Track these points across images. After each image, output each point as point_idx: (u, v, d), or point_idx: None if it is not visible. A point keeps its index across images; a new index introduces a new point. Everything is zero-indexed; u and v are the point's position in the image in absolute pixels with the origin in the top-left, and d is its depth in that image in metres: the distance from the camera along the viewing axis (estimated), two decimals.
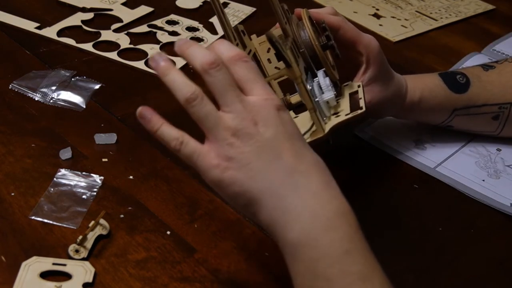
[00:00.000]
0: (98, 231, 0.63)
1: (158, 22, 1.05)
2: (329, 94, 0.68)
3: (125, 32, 1.01)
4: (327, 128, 0.67)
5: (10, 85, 0.84)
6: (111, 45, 0.97)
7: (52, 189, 0.69)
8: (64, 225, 0.64)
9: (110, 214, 0.66)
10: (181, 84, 0.54)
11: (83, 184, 0.70)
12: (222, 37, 1.01)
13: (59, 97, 0.83)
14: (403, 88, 0.78)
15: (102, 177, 0.71)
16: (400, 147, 0.82)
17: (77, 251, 0.61)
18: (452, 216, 0.74)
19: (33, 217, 0.65)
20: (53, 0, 1.08)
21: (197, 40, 1.01)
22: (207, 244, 0.65)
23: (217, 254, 0.64)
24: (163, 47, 0.98)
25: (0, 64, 0.89)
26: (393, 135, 0.84)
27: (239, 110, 0.53)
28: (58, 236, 0.63)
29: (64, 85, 0.85)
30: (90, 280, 0.59)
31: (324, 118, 0.69)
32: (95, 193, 0.69)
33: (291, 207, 0.52)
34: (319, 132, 0.67)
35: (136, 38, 0.99)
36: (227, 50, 0.56)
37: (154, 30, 1.02)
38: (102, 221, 0.64)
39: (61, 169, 0.71)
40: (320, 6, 1.05)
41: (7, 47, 0.94)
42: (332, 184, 0.54)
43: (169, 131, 0.55)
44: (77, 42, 0.96)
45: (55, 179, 0.70)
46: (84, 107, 0.82)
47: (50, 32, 0.98)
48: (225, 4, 1.14)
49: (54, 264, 0.60)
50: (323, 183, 0.54)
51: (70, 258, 0.61)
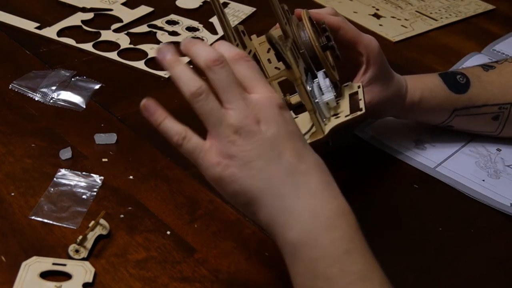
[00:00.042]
0: (98, 231, 0.63)
1: (158, 22, 1.05)
2: (329, 95, 0.68)
3: (125, 32, 1.01)
4: (327, 129, 0.67)
5: (10, 85, 0.84)
6: (111, 45, 0.97)
7: (52, 189, 0.69)
8: (64, 225, 0.64)
9: (110, 214, 0.66)
10: (187, 78, 0.54)
11: (83, 184, 0.70)
12: (222, 37, 1.01)
13: (59, 97, 0.83)
14: (403, 89, 0.78)
15: (102, 177, 0.71)
16: (400, 147, 0.82)
17: (77, 251, 0.61)
18: (452, 216, 0.74)
19: (33, 217, 0.65)
20: (53, 0, 1.08)
21: None
22: (207, 244, 0.65)
23: (217, 254, 0.64)
24: None
25: (0, 64, 0.89)
26: (393, 135, 0.84)
27: (242, 107, 0.53)
28: (58, 236, 0.63)
29: (64, 85, 0.85)
30: (90, 280, 0.59)
31: (324, 119, 0.69)
32: (95, 193, 0.69)
33: (291, 207, 0.52)
34: (318, 134, 0.67)
35: (136, 38, 0.99)
36: (228, 50, 0.56)
37: (154, 30, 1.02)
38: (102, 221, 0.64)
39: (61, 169, 0.71)
40: (320, 6, 1.05)
41: (7, 47, 0.94)
42: (332, 185, 0.54)
43: (172, 125, 0.55)
44: (77, 42, 0.96)
45: (55, 179, 0.70)
46: (84, 107, 0.82)
47: (50, 32, 0.98)
48: (225, 4, 1.14)
49: (54, 264, 0.60)
50: (323, 183, 0.54)
51: (70, 258, 0.61)
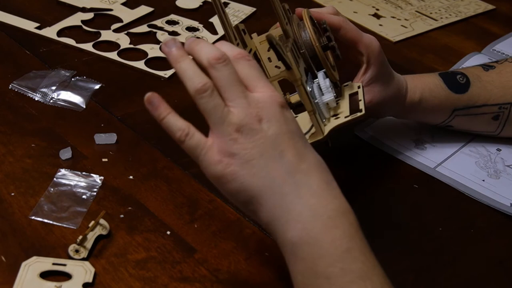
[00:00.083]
0: (98, 231, 0.63)
1: (158, 22, 1.05)
2: (328, 96, 0.68)
3: (125, 32, 1.01)
4: (326, 130, 0.67)
5: (10, 85, 0.84)
6: (111, 45, 0.97)
7: (52, 189, 0.69)
8: (64, 225, 0.64)
9: (110, 214, 0.66)
10: (193, 74, 0.54)
11: (83, 184, 0.70)
12: (222, 37, 1.01)
13: (59, 97, 0.83)
14: (403, 88, 0.78)
15: (102, 177, 0.71)
16: (400, 147, 0.82)
17: (77, 251, 0.61)
18: (452, 216, 0.74)
19: (33, 217, 0.65)
20: (53, 0, 1.08)
21: None
22: (207, 244, 0.65)
23: (217, 254, 0.64)
24: None
25: (0, 64, 0.89)
26: (393, 135, 0.84)
27: (244, 105, 0.53)
28: (58, 236, 0.63)
29: (64, 85, 0.85)
30: (90, 280, 0.59)
31: (324, 120, 0.69)
32: (95, 193, 0.69)
33: (292, 206, 0.52)
34: (318, 134, 0.67)
35: (136, 38, 0.99)
36: (229, 50, 0.56)
37: (154, 30, 1.02)
38: (102, 221, 0.64)
39: (61, 169, 0.71)
40: (320, 6, 1.05)
41: (7, 47, 0.94)
42: (333, 184, 0.54)
43: (175, 121, 0.54)
44: (77, 42, 0.96)
45: (55, 179, 0.70)
46: (84, 107, 0.82)
47: (50, 32, 0.98)
48: (225, 4, 1.14)
49: (54, 264, 0.59)
50: (324, 183, 0.54)
51: (70, 258, 0.61)
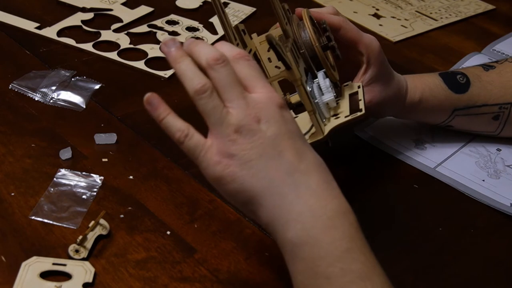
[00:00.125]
0: (98, 231, 0.63)
1: (158, 22, 1.05)
2: (328, 96, 0.68)
3: (125, 32, 1.01)
4: (326, 130, 0.67)
5: (10, 85, 0.84)
6: (111, 45, 0.97)
7: (52, 189, 0.69)
8: (64, 225, 0.64)
9: (110, 214, 0.66)
10: (192, 75, 0.54)
11: (83, 184, 0.70)
12: (222, 37, 1.01)
13: (59, 97, 0.83)
14: (403, 88, 0.78)
15: (102, 177, 0.71)
16: (400, 147, 0.82)
17: (77, 251, 0.61)
18: (452, 216, 0.74)
19: (33, 217, 0.65)
20: (53, 0, 1.08)
21: None
22: (207, 244, 0.65)
23: (217, 254, 0.64)
24: None
25: (0, 64, 0.89)
26: (393, 135, 0.84)
27: (242, 106, 0.53)
28: (58, 236, 0.63)
29: (64, 85, 0.85)
30: (90, 280, 0.59)
31: (324, 120, 0.69)
32: (95, 193, 0.69)
33: (291, 206, 0.52)
34: (318, 134, 0.67)
35: (136, 38, 0.99)
36: (229, 50, 0.56)
37: (154, 30, 1.02)
38: (102, 221, 0.64)
39: (61, 169, 0.71)
40: (320, 6, 1.05)
41: (7, 47, 0.94)
42: (332, 184, 0.54)
43: (175, 122, 0.55)
44: (77, 42, 0.96)
45: (55, 179, 0.70)
46: (84, 107, 0.82)
47: (50, 32, 0.98)
48: (225, 4, 1.14)
49: (54, 264, 0.59)
50: (323, 183, 0.54)
51: (70, 258, 0.61)
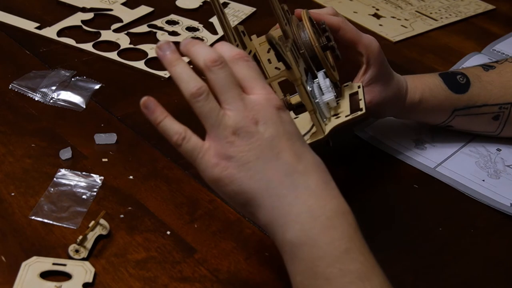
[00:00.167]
0: (98, 231, 0.63)
1: (158, 22, 1.05)
2: (329, 96, 0.68)
3: (125, 32, 1.01)
4: (327, 129, 0.67)
5: (10, 85, 0.84)
6: (111, 45, 0.97)
7: (52, 189, 0.69)
8: (64, 225, 0.64)
9: (110, 214, 0.66)
10: (188, 78, 0.54)
11: (83, 184, 0.70)
12: (222, 37, 1.01)
13: (59, 97, 0.83)
14: (403, 89, 0.78)
15: (102, 177, 0.71)
16: (400, 147, 0.82)
17: (77, 251, 0.61)
18: (452, 216, 0.74)
19: (33, 217, 0.65)
20: (53, 0, 1.08)
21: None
22: (207, 244, 0.65)
23: (217, 254, 0.64)
24: None
25: (0, 64, 0.89)
26: (393, 135, 0.84)
27: (240, 108, 0.53)
28: (58, 236, 0.63)
29: (64, 85, 0.85)
30: (90, 280, 0.59)
31: (324, 120, 0.69)
32: (95, 193, 0.69)
33: (290, 207, 0.52)
34: (319, 134, 0.67)
35: (136, 38, 0.99)
36: (228, 50, 0.56)
37: (154, 30, 1.02)
38: (102, 221, 0.64)
39: (61, 169, 0.71)
40: (320, 6, 1.05)
41: (7, 47, 0.94)
42: (331, 184, 0.54)
43: (172, 125, 0.55)
44: (77, 42, 0.96)
45: (55, 179, 0.70)
46: (84, 107, 0.82)
47: (50, 32, 0.98)
48: (225, 4, 1.14)
49: (54, 264, 0.60)
50: (322, 183, 0.54)
51: (70, 258, 0.61)
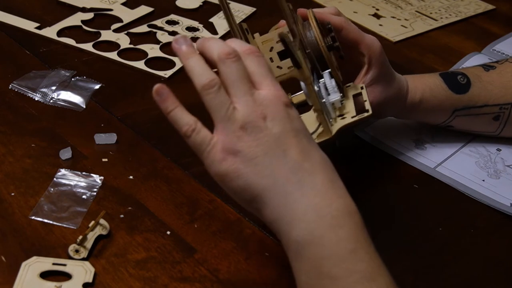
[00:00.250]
0: (98, 231, 0.63)
1: (158, 22, 1.05)
2: (335, 96, 0.68)
3: (125, 32, 1.01)
4: (334, 130, 0.67)
5: (10, 85, 0.84)
6: (111, 45, 0.97)
7: (52, 189, 0.69)
8: (64, 225, 0.64)
9: (110, 214, 0.66)
10: (201, 71, 0.54)
11: (83, 184, 0.70)
12: (222, 37, 1.01)
13: (59, 97, 0.83)
14: (404, 89, 0.78)
15: (102, 177, 0.71)
16: (400, 147, 0.82)
17: (77, 251, 0.61)
18: (452, 216, 0.74)
19: (33, 217, 0.65)
20: (53, 0, 1.08)
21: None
22: (207, 244, 0.65)
23: (217, 254, 0.64)
24: (163, 47, 0.98)
25: (0, 64, 0.89)
26: (393, 135, 0.84)
27: (249, 103, 0.53)
28: (58, 236, 0.63)
29: (64, 85, 0.85)
30: (90, 280, 0.59)
31: (330, 120, 0.69)
32: (95, 193, 0.69)
33: (296, 205, 0.52)
34: (326, 134, 0.67)
35: (136, 38, 0.99)
36: (239, 46, 0.56)
37: (154, 30, 1.02)
38: (102, 221, 0.64)
39: (61, 169, 0.71)
40: (320, 6, 1.05)
41: (7, 47, 0.94)
42: (338, 183, 0.54)
43: (183, 115, 0.55)
44: (77, 42, 0.96)
45: (55, 179, 0.70)
46: (84, 107, 0.82)
47: (50, 32, 0.98)
48: None
49: (54, 264, 0.59)
50: (328, 182, 0.54)
51: (70, 258, 0.61)
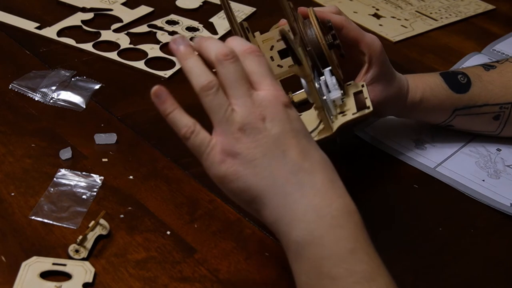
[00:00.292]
0: (98, 231, 0.63)
1: (158, 22, 1.05)
2: (336, 93, 0.68)
3: (125, 32, 1.01)
4: (335, 126, 0.67)
5: (10, 85, 0.84)
6: (111, 45, 0.97)
7: (52, 189, 0.69)
8: (64, 225, 0.64)
9: (110, 214, 0.66)
10: (199, 71, 0.54)
11: (83, 184, 0.70)
12: (222, 37, 1.01)
13: (59, 97, 0.83)
14: (404, 88, 0.78)
15: (102, 177, 0.71)
16: (400, 147, 0.82)
17: (77, 251, 0.61)
18: (452, 216, 0.74)
19: (33, 217, 0.65)
20: (53, 0, 1.08)
21: None
22: (207, 244, 0.65)
23: (217, 254, 0.64)
24: (163, 47, 0.98)
25: (0, 64, 0.89)
26: (393, 135, 0.84)
27: (248, 104, 0.53)
28: (58, 236, 0.63)
29: (64, 85, 0.85)
30: (90, 280, 0.59)
31: (331, 117, 0.69)
32: (95, 193, 0.69)
33: (296, 206, 0.52)
34: (327, 131, 0.67)
35: (136, 38, 0.99)
36: (239, 44, 0.56)
37: (154, 30, 1.02)
38: (102, 221, 0.64)
39: (61, 169, 0.71)
40: (320, 6, 1.05)
41: (7, 47, 0.94)
42: (337, 183, 0.54)
43: (181, 117, 0.54)
44: (77, 42, 0.96)
45: (55, 179, 0.70)
46: (84, 107, 0.82)
47: (50, 32, 0.98)
48: None
49: (54, 264, 0.59)
50: (328, 182, 0.53)
51: (70, 258, 0.61)
